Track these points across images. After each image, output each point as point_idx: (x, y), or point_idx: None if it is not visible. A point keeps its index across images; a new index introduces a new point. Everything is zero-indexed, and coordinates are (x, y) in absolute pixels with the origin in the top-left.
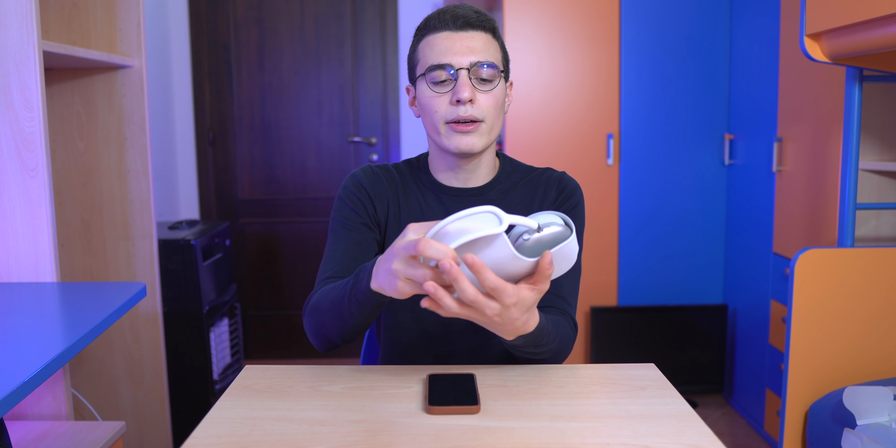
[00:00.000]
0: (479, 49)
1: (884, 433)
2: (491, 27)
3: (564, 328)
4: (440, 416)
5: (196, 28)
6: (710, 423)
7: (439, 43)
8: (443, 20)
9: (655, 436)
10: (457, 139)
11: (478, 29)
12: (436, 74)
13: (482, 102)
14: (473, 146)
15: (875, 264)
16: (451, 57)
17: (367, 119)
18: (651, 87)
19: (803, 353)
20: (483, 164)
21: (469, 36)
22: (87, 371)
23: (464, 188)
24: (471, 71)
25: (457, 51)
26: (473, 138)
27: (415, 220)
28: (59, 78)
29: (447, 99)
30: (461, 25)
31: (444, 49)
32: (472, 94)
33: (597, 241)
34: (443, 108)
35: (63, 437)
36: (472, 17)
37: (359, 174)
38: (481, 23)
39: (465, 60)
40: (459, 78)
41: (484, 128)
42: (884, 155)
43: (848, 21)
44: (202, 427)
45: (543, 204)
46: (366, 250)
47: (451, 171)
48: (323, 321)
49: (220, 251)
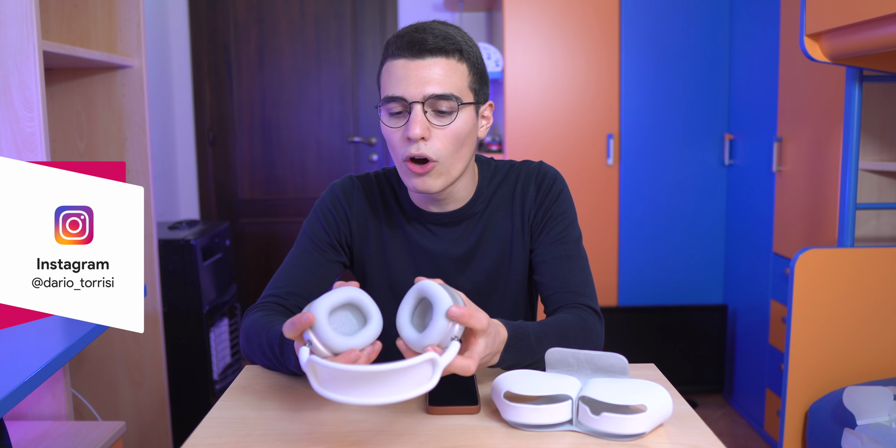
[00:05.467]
0: (436, 79)
1: (884, 433)
2: (455, 49)
3: (574, 324)
4: (440, 416)
5: (196, 28)
6: (710, 423)
7: (396, 71)
8: (399, 46)
9: (655, 436)
10: (414, 180)
11: (437, 55)
12: (391, 106)
13: (436, 141)
14: (430, 187)
15: (875, 264)
16: (404, 88)
17: (367, 119)
18: (651, 87)
19: (803, 353)
20: (458, 190)
21: (426, 64)
22: (87, 371)
23: (443, 213)
24: (425, 104)
25: (411, 81)
26: (429, 180)
27: (398, 239)
28: (59, 78)
29: (402, 133)
30: (417, 52)
31: (399, 78)
32: (424, 132)
33: (597, 241)
34: (398, 144)
35: (63, 437)
36: (430, 43)
37: (337, 189)
38: (441, 47)
39: (418, 93)
40: (412, 113)
41: (440, 168)
42: (884, 155)
43: (848, 21)
44: (202, 427)
45: (525, 201)
46: (322, 277)
47: (426, 201)
48: (255, 355)
49: (220, 251)
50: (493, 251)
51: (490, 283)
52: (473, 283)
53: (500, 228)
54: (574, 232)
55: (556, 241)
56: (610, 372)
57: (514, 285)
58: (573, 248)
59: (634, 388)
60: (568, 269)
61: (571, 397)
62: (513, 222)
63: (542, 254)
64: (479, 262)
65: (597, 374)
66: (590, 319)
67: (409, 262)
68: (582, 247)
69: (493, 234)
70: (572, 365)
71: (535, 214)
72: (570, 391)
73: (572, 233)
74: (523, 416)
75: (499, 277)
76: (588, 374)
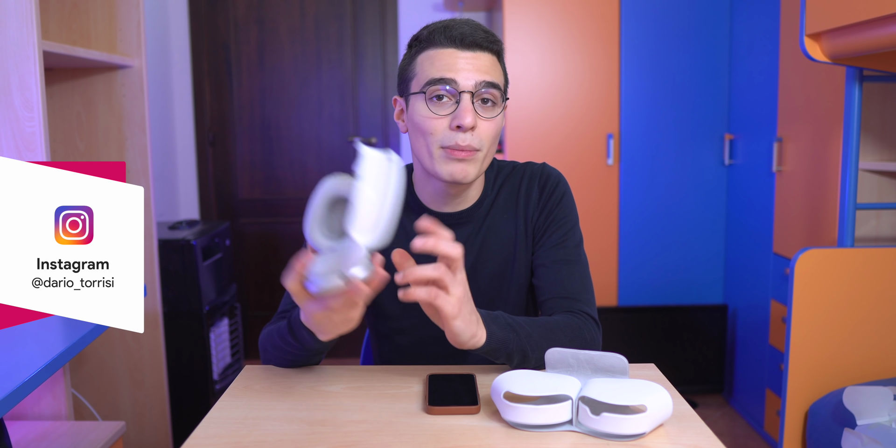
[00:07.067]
0: (485, 69)
1: (884, 433)
2: (497, 50)
3: (562, 322)
4: (440, 416)
5: (196, 28)
6: (710, 423)
7: (442, 58)
8: (449, 36)
9: (655, 436)
10: (451, 166)
11: (485, 50)
12: (437, 89)
13: (482, 131)
14: (468, 175)
15: (875, 264)
16: (455, 73)
17: (367, 119)
18: (651, 87)
19: (803, 353)
20: (473, 188)
21: (475, 56)
22: (87, 371)
23: (452, 213)
24: (475, 94)
25: (462, 67)
26: (469, 167)
27: (400, 242)
28: (59, 78)
29: (445, 122)
30: (468, 44)
31: (448, 65)
32: (474, 121)
33: (597, 241)
34: (440, 132)
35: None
36: (481, 37)
37: None
38: (489, 44)
39: (471, 79)
40: (462, 101)
41: (480, 156)
42: (884, 155)
43: (848, 21)
44: (202, 427)
45: (528, 204)
46: None
47: (440, 197)
48: (271, 355)
49: (220, 251)
50: (497, 254)
51: (494, 287)
52: (477, 287)
53: (504, 231)
54: (575, 236)
55: (556, 245)
56: (610, 372)
57: (516, 289)
58: (573, 252)
59: (634, 388)
60: (567, 274)
61: (571, 397)
62: (516, 225)
63: (542, 257)
64: (485, 265)
65: (597, 375)
66: (583, 324)
67: None
68: (583, 252)
69: (497, 236)
70: (572, 365)
71: (537, 217)
72: (570, 391)
73: (573, 237)
74: (523, 417)
75: (503, 281)
76: (588, 374)
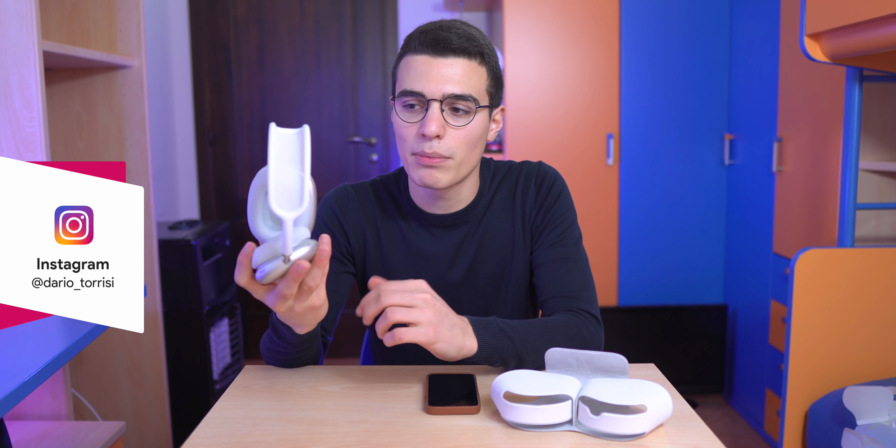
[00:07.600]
0: (456, 79)
1: (884, 433)
2: (477, 52)
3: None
4: (440, 416)
5: (196, 28)
6: (710, 423)
7: (416, 66)
8: (422, 42)
9: (655, 436)
10: (421, 171)
11: (459, 55)
12: (406, 99)
13: (450, 140)
14: (437, 181)
15: (875, 264)
16: (423, 84)
17: (367, 119)
18: (651, 87)
19: (803, 353)
20: (464, 190)
21: (448, 63)
22: (87, 371)
23: (446, 214)
24: (443, 102)
25: (431, 78)
26: (438, 173)
27: (398, 246)
28: (59, 78)
29: (415, 129)
30: (440, 50)
31: (420, 74)
32: (439, 130)
33: (597, 241)
34: (411, 139)
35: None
36: (454, 43)
37: (331, 200)
38: (464, 48)
39: (437, 90)
40: (429, 110)
41: (451, 164)
42: (884, 155)
43: (848, 21)
44: (202, 427)
45: (525, 203)
46: (332, 290)
47: (429, 199)
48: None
49: (220, 251)
50: (495, 254)
51: (492, 287)
52: (475, 287)
53: (502, 231)
54: (573, 233)
55: (554, 243)
56: (610, 372)
57: (515, 289)
58: (572, 250)
59: (634, 388)
60: (566, 272)
61: (571, 397)
62: (514, 224)
63: (541, 256)
64: (482, 265)
65: (597, 374)
66: (582, 322)
67: (408, 270)
68: (582, 248)
69: (494, 236)
70: (572, 365)
71: (535, 216)
72: (569, 391)
73: (572, 234)
74: (523, 417)
75: (501, 281)
76: (588, 374)
